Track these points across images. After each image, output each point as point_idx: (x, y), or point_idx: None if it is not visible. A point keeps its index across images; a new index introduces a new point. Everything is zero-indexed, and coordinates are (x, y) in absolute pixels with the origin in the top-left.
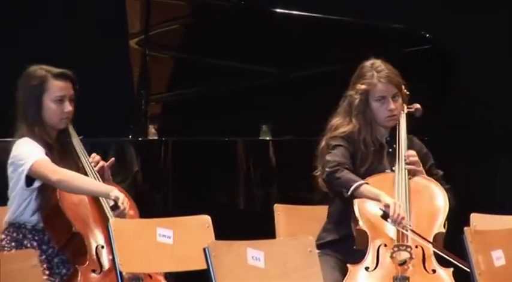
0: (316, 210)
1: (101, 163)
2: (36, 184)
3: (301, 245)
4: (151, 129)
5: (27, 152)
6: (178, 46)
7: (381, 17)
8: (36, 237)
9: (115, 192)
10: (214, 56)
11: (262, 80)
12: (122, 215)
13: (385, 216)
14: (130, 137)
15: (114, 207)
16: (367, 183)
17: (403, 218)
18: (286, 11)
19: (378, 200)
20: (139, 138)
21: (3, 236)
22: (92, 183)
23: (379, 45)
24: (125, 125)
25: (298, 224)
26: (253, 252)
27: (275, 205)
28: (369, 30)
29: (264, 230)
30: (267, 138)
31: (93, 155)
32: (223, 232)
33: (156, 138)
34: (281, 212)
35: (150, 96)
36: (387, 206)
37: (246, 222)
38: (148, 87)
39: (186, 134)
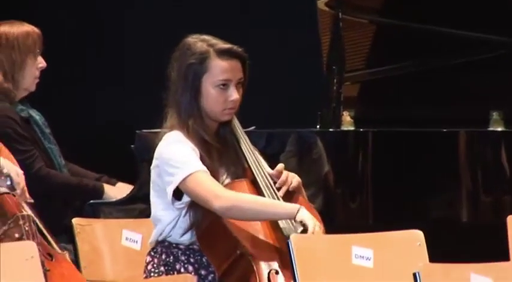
0: None
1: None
2: (184, 202)
3: None
4: (346, 118)
5: (180, 158)
6: (381, 8)
7: None
8: (191, 260)
9: (302, 212)
10: (428, 21)
11: (492, 52)
12: None
13: None
14: (318, 127)
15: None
16: None
17: None
18: None
19: None
20: (330, 129)
21: (149, 258)
22: (270, 204)
23: None
24: (311, 112)
25: None
26: (480, 279)
27: (509, 217)
28: None
29: (493, 249)
30: (499, 129)
31: (280, 167)
32: (439, 252)
33: (351, 128)
34: None
35: (344, 74)
36: None
37: (469, 239)
38: (341, 62)
39: (391, 124)
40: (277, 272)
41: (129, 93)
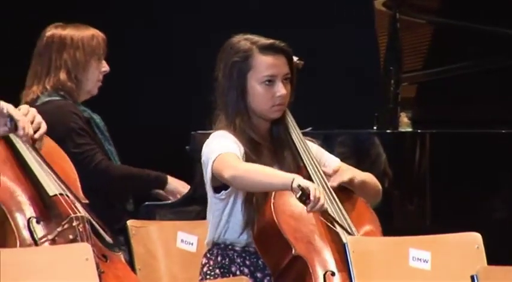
0: None
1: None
2: (225, 193)
3: None
4: (403, 119)
5: (213, 147)
6: (439, 8)
7: None
8: (247, 262)
9: (298, 179)
10: (486, 22)
11: None
12: (317, 208)
13: None
14: (374, 128)
15: (302, 198)
16: None
17: None
18: None
19: None
20: (387, 130)
21: (204, 260)
22: (270, 174)
23: None
24: (368, 113)
25: None
26: None
27: None
28: None
29: None
30: None
31: (336, 167)
32: (498, 255)
33: (409, 130)
34: None
35: (401, 74)
36: None
37: None
38: (399, 62)
39: (449, 125)
40: (333, 274)
41: (185, 93)
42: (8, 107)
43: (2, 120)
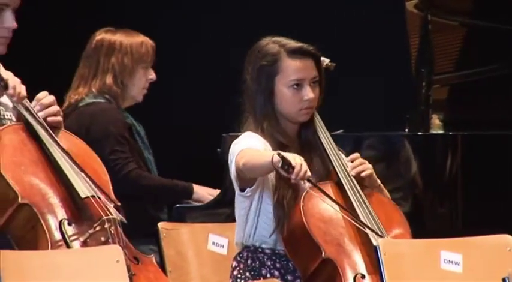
0: None
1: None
2: (249, 190)
3: None
4: (435, 121)
5: (238, 146)
6: (470, 9)
7: None
8: (277, 265)
9: (278, 151)
10: None
11: None
12: (301, 175)
13: None
14: (406, 130)
15: (284, 167)
16: None
17: None
18: None
19: None
20: (419, 133)
21: (234, 264)
22: (260, 155)
23: None
24: (399, 115)
25: None
26: None
27: None
28: None
29: None
30: None
31: (355, 155)
32: None
33: (441, 132)
34: None
35: (433, 76)
36: None
37: None
38: (430, 64)
39: (481, 127)
40: (363, 276)
41: (218, 95)
42: None
43: None
